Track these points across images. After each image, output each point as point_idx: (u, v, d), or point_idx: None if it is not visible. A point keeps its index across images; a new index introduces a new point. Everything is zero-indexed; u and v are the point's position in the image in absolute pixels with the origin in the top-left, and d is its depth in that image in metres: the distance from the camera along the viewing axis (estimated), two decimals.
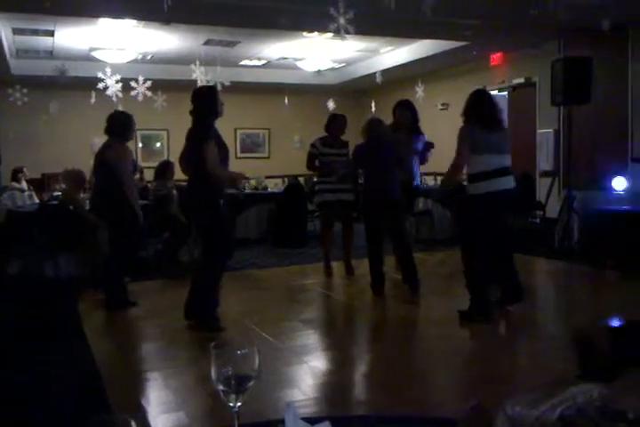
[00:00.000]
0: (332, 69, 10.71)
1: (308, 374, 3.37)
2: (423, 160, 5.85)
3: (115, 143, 4.99)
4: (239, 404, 0.92)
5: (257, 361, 0.92)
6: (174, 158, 6.37)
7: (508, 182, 4.21)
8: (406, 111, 5.66)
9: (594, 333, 1.20)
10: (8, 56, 8.39)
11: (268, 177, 9.92)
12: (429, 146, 5.82)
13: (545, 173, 8.01)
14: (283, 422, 0.99)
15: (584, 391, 0.78)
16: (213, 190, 4.06)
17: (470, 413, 0.87)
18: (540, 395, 0.83)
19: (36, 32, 7.88)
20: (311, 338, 4.10)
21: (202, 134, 4.03)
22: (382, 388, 3.15)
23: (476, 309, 4.19)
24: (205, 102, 4.12)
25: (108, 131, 5.09)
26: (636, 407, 0.76)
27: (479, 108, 4.24)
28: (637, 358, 0.94)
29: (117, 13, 6.56)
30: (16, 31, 7.82)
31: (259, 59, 10.20)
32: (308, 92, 11.44)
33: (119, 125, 5.05)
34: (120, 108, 8.90)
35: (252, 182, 9.30)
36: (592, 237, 6.54)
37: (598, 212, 6.61)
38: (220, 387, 0.90)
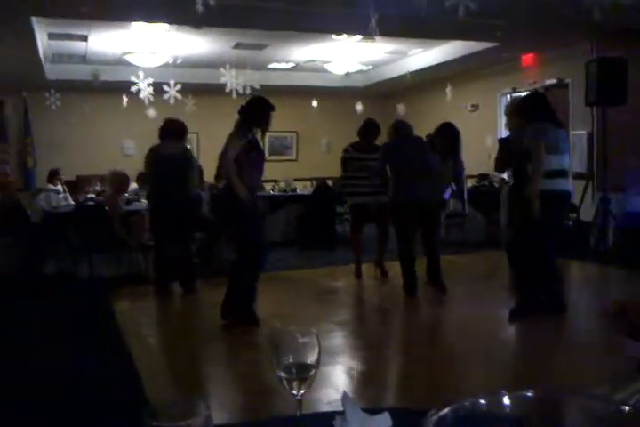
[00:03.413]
0: (361, 72, 10.71)
1: (343, 374, 3.37)
2: (457, 183, 5.76)
3: (184, 145, 5.38)
4: (302, 391, 0.92)
5: (317, 350, 0.92)
6: (204, 161, 6.47)
7: (566, 184, 4.17)
8: (446, 140, 5.19)
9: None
10: (43, 61, 8.57)
11: (296, 179, 9.95)
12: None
13: (578, 176, 7.88)
14: (341, 413, 0.99)
15: None
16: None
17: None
18: (611, 387, 0.81)
19: (70, 37, 8.04)
20: (345, 339, 4.09)
21: (230, 137, 4.11)
22: (418, 388, 3.13)
23: (526, 308, 4.14)
24: (253, 113, 4.18)
25: (169, 134, 5.24)
26: None
27: (544, 107, 4.17)
28: None
29: (150, 18, 6.66)
30: (51, 36, 7.99)
31: (287, 62, 10.25)
32: (335, 94, 11.45)
33: (181, 129, 5.33)
34: (151, 111, 9.05)
35: (281, 185, 9.34)
36: (628, 240, 6.42)
37: (634, 214, 6.48)
38: (282, 374, 0.91)
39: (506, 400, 0.68)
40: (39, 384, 3.21)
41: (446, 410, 0.64)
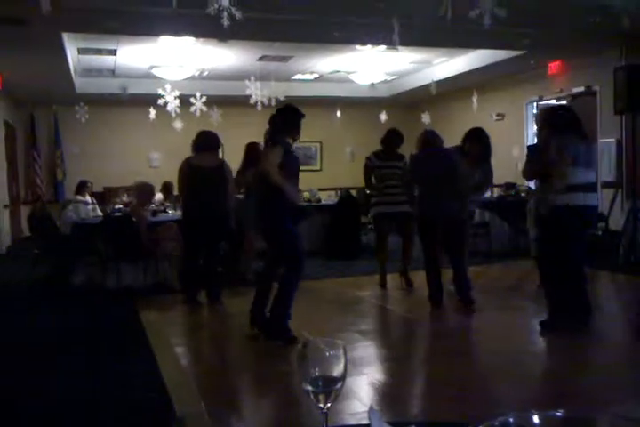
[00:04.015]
0: (385, 82, 10.73)
1: (367, 385, 3.34)
2: (481, 192, 5.71)
3: (219, 158, 5.54)
4: (328, 405, 0.91)
5: (344, 363, 0.91)
6: None
7: (593, 199, 4.12)
8: (476, 145, 5.17)
9: None
10: (73, 75, 8.77)
11: (320, 189, 9.97)
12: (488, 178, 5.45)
13: (607, 184, 7.75)
14: (367, 426, 0.98)
15: None
16: (284, 203, 4.05)
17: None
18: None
19: (99, 51, 8.23)
20: (369, 350, 4.06)
21: (272, 143, 4.09)
22: (442, 400, 3.08)
23: (558, 321, 4.10)
24: (284, 121, 4.17)
25: (204, 146, 5.33)
26: None
27: (571, 120, 4.13)
28: None
29: (177, 31, 6.78)
30: (81, 51, 8.18)
31: (311, 73, 10.32)
32: (360, 104, 11.48)
33: (215, 141, 5.44)
34: (178, 123, 9.19)
35: (306, 195, 9.37)
36: None
37: None
38: (309, 387, 0.90)
39: (535, 419, 0.66)
40: (66, 391, 3.25)
41: None
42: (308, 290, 6.16)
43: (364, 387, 3.31)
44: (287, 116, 4.21)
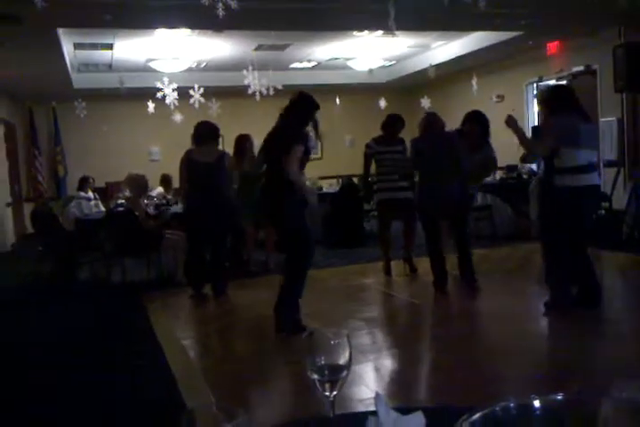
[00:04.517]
0: (383, 67, 10.66)
1: (374, 372, 3.37)
2: (486, 172, 5.70)
3: (221, 151, 5.58)
4: (335, 393, 0.93)
5: (349, 351, 0.92)
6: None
7: (595, 178, 4.13)
8: (475, 126, 5.25)
9: None
10: (70, 71, 8.74)
11: (321, 178, 9.96)
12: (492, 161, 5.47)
13: (609, 163, 7.72)
14: (373, 413, 0.99)
15: None
16: (295, 194, 3.99)
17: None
18: None
19: (95, 46, 8.19)
20: (375, 336, 4.09)
21: (292, 138, 3.94)
22: (451, 385, 3.11)
23: (558, 302, 4.11)
24: (304, 109, 4.09)
25: (204, 138, 5.30)
26: None
27: (569, 100, 4.11)
28: None
29: (173, 23, 6.73)
30: (77, 46, 8.14)
31: (309, 61, 10.26)
32: (359, 91, 11.42)
33: (215, 133, 5.42)
34: (177, 115, 9.16)
35: (307, 184, 9.36)
36: None
37: None
38: (315, 376, 0.91)
39: (536, 404, 0.67)
40: (73, 384, 3.28)
41: (477, 415, 0.63)
42: (311, 279, 6.13)
43: (370, 373, 3.34)
44: (303, 107, 4.11)
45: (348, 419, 1.04)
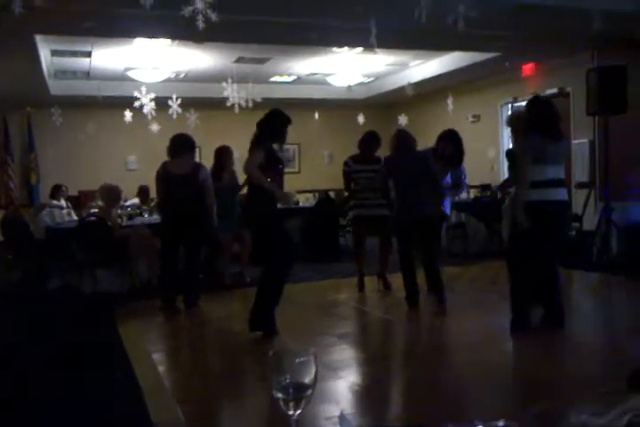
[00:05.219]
0: (362, 84, 10.76)
1: (344, 389, 3.34)
2: (457, 191, 5.75)
3: (196, 163, 5.57)
4: (298, 412, 0.91)
5: (315, 370, 0.92)
6: None
7: (562, 194, 4.17)
8: (449, 144, 5.19)
9: None
10: (47, 77, 8.64)
11: (298, 191, 9.96)
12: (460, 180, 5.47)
13: (580, 185, 7.88)
14: None
15: None
16: (266, 202, 4.15)
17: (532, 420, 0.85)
18: (605, 404, 0.81)
19: (74, 53, 8.12)
20: (347, 353, 4.07)
21: (256, 146, 4.18)
22: (420, 403, 3.10)
23: (517, 323, 4.13)
24: (270, 126, 4.26)
25: (178, 150, 5.32)
26: None
27: (541, 118, 4.17)
28: None
29: (153, 33, 6.72)
30: (54, 53, 8.07)
31: (289, 75, 10.31)
32: (337, 106, 11.50)
33: (190, 145, 5.43)
34: (154, 126, 9.11)
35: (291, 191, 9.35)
36: (631, 250, 6.39)
37: (638, 223, 6.46)
38: (279, 395, 0.90)
39: None
40: (39, 398, 3.20)
41: None
42: (286, 292, 6.15)
43: (340, 391, 3.31)
44: (272, 122, 4.30)
45: None
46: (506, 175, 6.40)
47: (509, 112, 9.40)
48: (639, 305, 5.28)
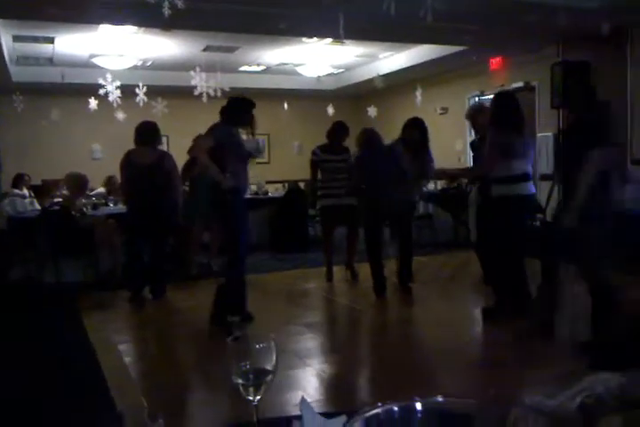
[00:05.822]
0: (332, 75, 10.75)
1: (312, 377, 3.37)
2: (425, 180, 5.83)
3: (161, 151, 5.43)
4: (258, 397, 0.92)
5: (275, 355, 0.92)
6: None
7: (530, 187, 4.26)
8: (415, 131, 5.26)
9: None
10: (8, 63, 8.40)
11: (268, 182, 9.94)
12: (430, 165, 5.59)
13: (544, 177, 8.03)
14: (299, 417, 0.99)
15: (602, 381, 0.79)
16: (238, 195, 4.19)
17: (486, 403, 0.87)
18: (558, 385, 0.84)
19: (36, 39, 7.90)
20: (315, 341, 4.10)
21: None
22: (387, 390, 3.15)
23: (500, 308, 4.22)
24: (233, 112, 4.26)
25: (143, 139, 5.22)
26: None
27: (508, 112, 4.23)
28: None
29: (118, 20, 6.57)
30: (16, 38, 7.84)
31: (258, 64, 10.23)
32: (307, 97, 11.47)
33: (155, 133, 5.33)
34: (120, 114, 8.95)
35: (253, 187, 9.31)
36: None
37: None
38: (239, 381, 0.91)
39: (418, 406, 0.69)
40: (3, 395, 3.15)
41: (360, 419, 0.64)
42: (254, 283, 6.14)
43: (309, 379, 3.34)
44: (234, 106, 4.26)
45: (272, 424, 1.04)
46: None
47: (467, 106, 9.53)
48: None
